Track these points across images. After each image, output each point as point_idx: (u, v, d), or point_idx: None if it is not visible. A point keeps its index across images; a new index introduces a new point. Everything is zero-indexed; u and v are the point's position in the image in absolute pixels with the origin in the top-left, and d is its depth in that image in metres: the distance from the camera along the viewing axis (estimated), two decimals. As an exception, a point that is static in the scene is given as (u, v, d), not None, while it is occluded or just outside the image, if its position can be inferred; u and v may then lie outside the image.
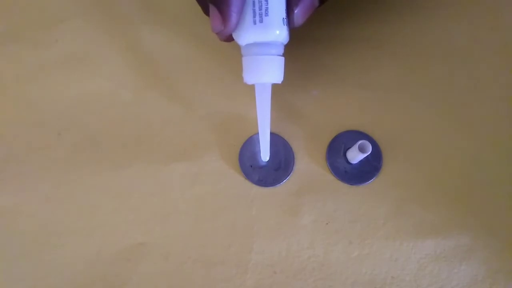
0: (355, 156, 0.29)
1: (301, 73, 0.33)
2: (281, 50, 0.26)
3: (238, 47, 0.26)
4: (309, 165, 0.31)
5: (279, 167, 0.31)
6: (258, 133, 0.29)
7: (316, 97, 0.33)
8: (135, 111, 0.32)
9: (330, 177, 0.31)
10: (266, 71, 0.26)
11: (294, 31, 0.26)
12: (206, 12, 0.27)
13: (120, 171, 0.31)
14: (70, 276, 0.28)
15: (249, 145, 0.31)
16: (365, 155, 0.28)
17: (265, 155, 0.30)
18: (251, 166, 0.31)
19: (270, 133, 0.28)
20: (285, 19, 0.25)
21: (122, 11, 0.35)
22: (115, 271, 0.29)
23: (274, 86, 0.27)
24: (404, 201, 0.30)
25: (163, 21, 0.35)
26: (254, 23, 0.24)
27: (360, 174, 0.31)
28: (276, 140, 0.31)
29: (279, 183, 0.30)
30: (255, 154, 0.31)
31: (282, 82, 0.27)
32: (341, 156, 0.31)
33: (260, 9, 0.24)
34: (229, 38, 0.26)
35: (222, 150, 0.31)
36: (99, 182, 0.30)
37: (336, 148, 0.31)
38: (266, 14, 0.24)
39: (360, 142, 0.28)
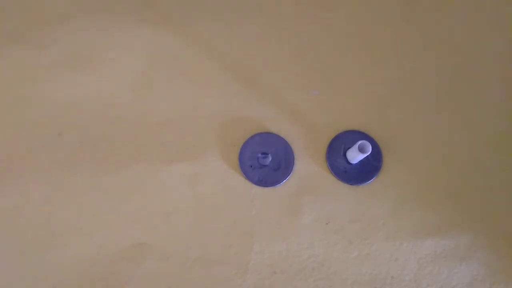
0: (355, 156, 0.29)
1: (301, 73, 0.33)
2: None
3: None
4: (309, 165, 0.31)
5: (279, 167, 0.31)
6: (258, 133, 0.28)
7: (316, 97, 0.33)
8: (135, 111, 0.32)
9: (330, 177, 0.31)
10: None
11: (293, 31, 0.26)
12: None
13: (120, 171, 0.31)
14: (70, 276, 0.29)
15: (249, 145, 0.31)
16: (365, 155, 0.28)
17: None
18: (251, 166, 0.31)
19: (270, 133, 0.28)
20: None
21: (122, 11, 0.35)
22: (115, 271, 0.29)
23: (274, 87, 0.27)
24: (404, 201, 0.30)
25: (163, 20, 0.35)
26: None
27: (360, 174, 0.31)
28: (276, 140, 0.31)
29: (279, 183, 0.30)
30: (255, 154, 0.31)
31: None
32: (341, 156, 0.31)
33: None
34: None
35: (222, 150, 0.31)
36: (99, 182, 0.30)
37: (336, 148, 0.31)
38: None
39: (360, 142, 0.28)
